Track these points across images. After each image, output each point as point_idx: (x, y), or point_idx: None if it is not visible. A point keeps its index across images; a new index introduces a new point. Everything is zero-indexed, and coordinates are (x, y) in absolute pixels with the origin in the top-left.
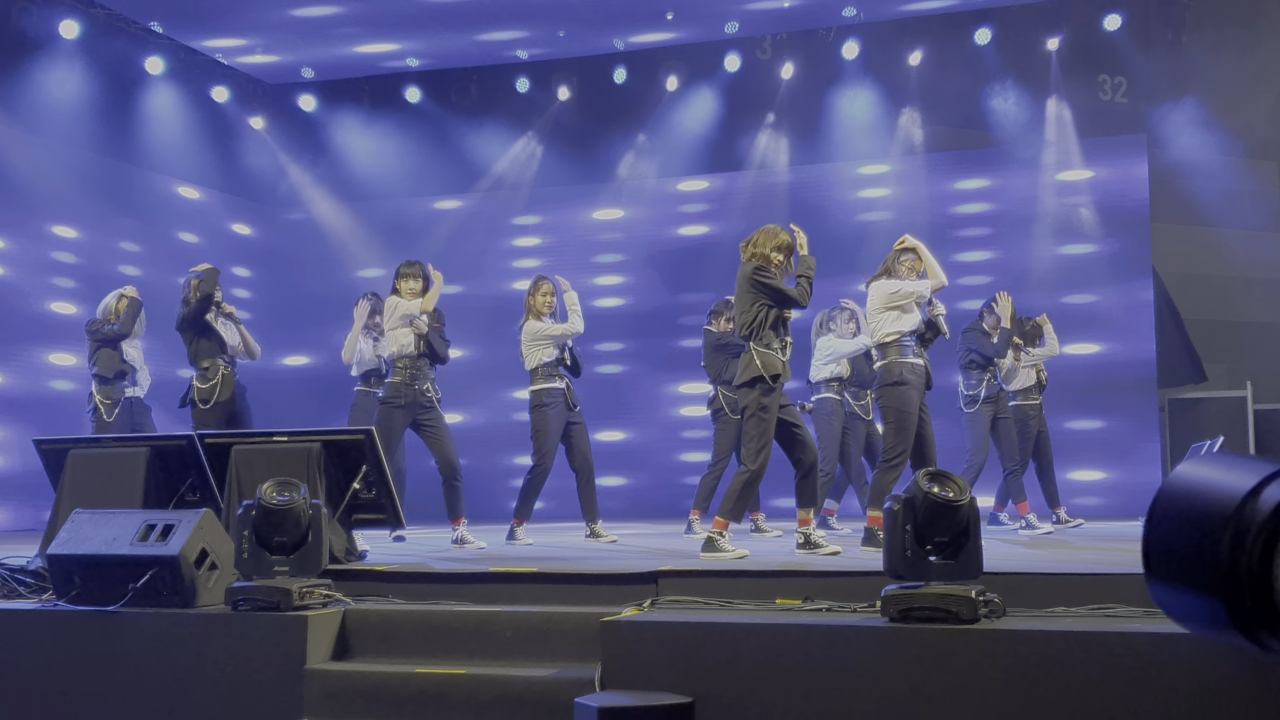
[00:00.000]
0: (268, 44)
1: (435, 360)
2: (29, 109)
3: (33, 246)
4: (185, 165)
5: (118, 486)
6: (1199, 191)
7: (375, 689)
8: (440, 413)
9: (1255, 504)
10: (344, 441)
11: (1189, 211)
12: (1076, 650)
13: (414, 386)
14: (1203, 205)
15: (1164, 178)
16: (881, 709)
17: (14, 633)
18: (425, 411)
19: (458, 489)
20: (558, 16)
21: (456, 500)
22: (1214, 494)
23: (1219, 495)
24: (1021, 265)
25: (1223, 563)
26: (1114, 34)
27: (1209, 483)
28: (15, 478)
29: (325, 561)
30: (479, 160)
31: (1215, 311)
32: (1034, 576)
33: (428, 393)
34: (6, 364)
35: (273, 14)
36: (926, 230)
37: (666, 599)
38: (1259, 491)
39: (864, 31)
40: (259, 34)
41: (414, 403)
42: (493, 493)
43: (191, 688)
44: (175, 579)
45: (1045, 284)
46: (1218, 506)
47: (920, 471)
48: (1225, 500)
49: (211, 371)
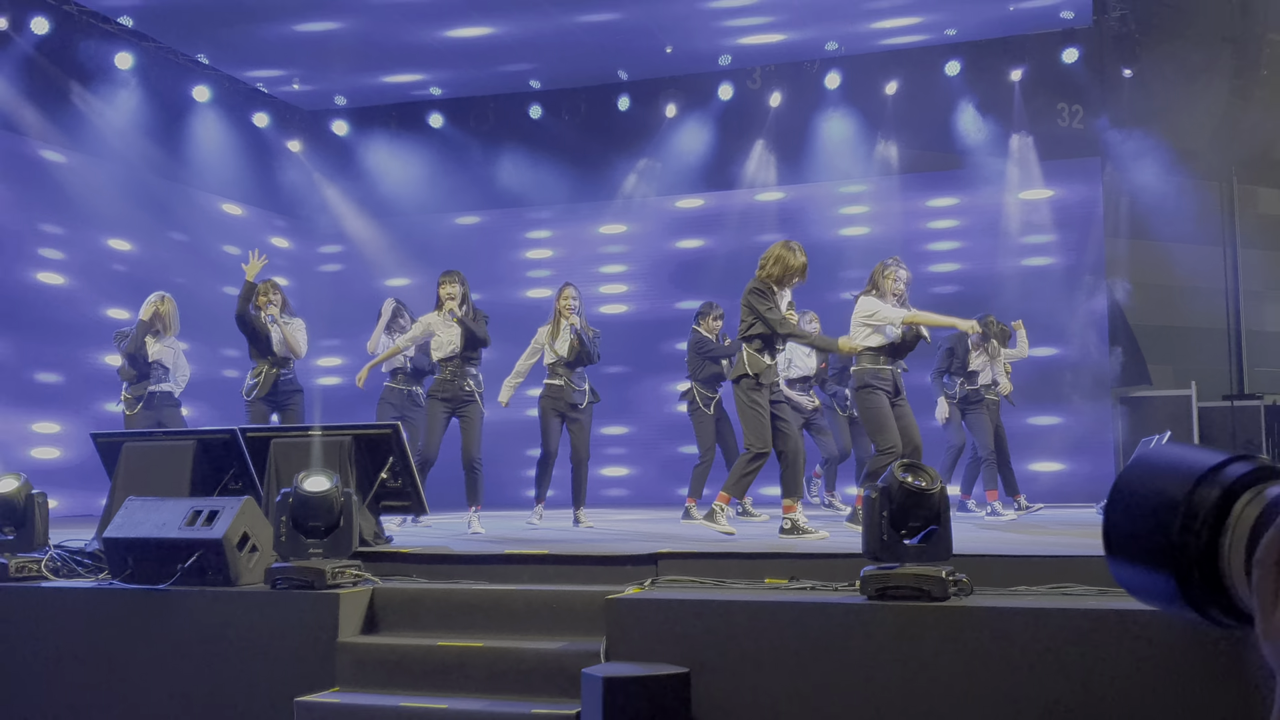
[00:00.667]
0: (304, 74)
1: (476, 345)
2: (88, 133)
3: (91, 258)
4: (228, 184)
5: (167, 476)
6: (1148, 209)
7: (401, 660)
8: (478, 406)
9: (1204, 490)
10: (373, 435)
11: (1139, 227)
12: (1036, 625)
13: (454, 383)
14: (1151, 222)
15: (1116, 196)
16: (860, 678)
17: (73, 609)
18: (465, 405)
19: (472, 479)
20: (566, 50)
21: (471, 489)
22: (1167, 481)
23: (1172, 482)
24: (987, 276)
25: (1174, 544)
26: (1071, 66)
27: (1163, 470)
28: (71, 468)
29: (355, 544)
30: (495, 180)
31: (1163, 318)
32: (998, 558)
33: (467, 387)
34: (66, 365)
35: (308, 47)
36: (900, 243)
37: (665, 579)
38: (1208, 479)
39: (845, 64)
40: (296, 65)
41: (455, 397)
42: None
43: (234, 659)
44: (219, 560)
45: (1009, 293)
46: (1170, 492)
47: (896, 463)
48: (1177, 486)
49: (256, 370)
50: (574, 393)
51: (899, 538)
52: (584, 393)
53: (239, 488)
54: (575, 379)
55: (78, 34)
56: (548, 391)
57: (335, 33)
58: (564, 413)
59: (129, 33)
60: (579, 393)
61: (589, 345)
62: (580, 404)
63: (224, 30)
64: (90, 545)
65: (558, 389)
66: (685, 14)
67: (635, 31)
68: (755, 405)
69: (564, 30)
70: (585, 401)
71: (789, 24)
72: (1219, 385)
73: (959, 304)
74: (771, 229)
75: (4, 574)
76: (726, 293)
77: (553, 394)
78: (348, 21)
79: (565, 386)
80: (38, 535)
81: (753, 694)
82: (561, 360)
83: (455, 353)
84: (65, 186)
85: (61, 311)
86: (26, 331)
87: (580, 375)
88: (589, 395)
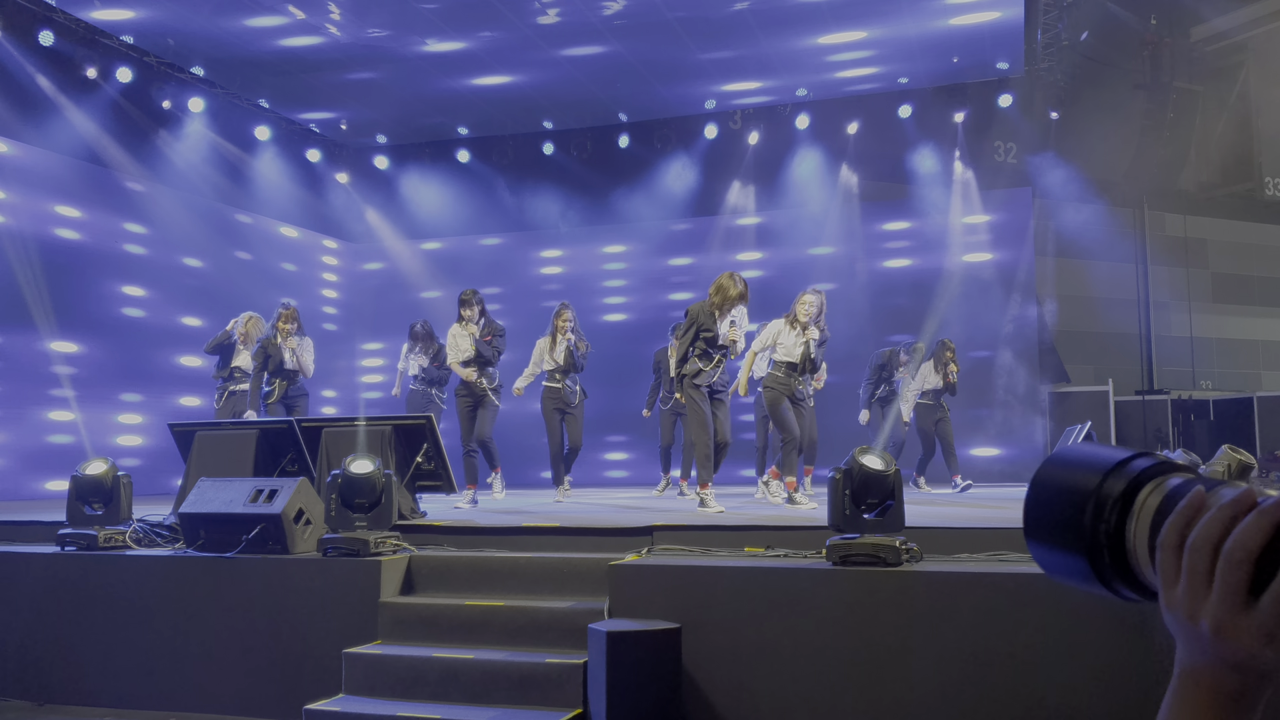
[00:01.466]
0: (351, 116)
1: (484, 364)
2: (165, 167)
3: (168, 275)
4: (286, 210)
5: (233, 460)
6: (1071, 232)
7: (434, 617)
8: (491, 400)
9: (1113, 481)
10: (410, 425)
11: (1064, 247)
12: (978, 587)
13: (470, 384)
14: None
15: (1045, 221)
16: (826, 631)
17: (154, 573)
18: (480, 400)
19: (489, 451)
20: (574, 96)
21: (489, 457)
22: (1080, 474)
23: (1084, 475)
24: (933, 288)
25: (1086, 529)
26: (1006, 109)
27: (1076, 465)
28: (147, 453)
29: (395, 518)
30: (515, 208)
31: (1084, 325)
32: (945, 530)
33: (481, 385)
34: (146, 366)
35: (354, 92)
36: (863, 259)
37: (660, 547)
38: (1115, 471)
39: (813, 107)
40: (344, 109)
41: (472, 394)
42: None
43: (291, 616)
44: (278, 532)
45: (952, 303)
46: (1083, 484)
47: (857, 448)
48: (1089, 479)
49: (271, 382)
50: (569, 393)
51: (859, 512)
52: (575, 392)
53: (295, 470)
54: (569, 382)
55: (156, 81)
56: (548, 394)
57: (377, 81)
58: (561, 409)
59: (200, 81)
60: (572, 393)
61: (578, 358)
62: (573, 402)
63: (282, 79)
64: (168, 519)
65: (555, 391)
66: (676, 65)
67: (633, 80)
68: (696, 403)
69: (572, 79)
70: (577, 400)
71: (765, 73)
72: (1132, 382)
73: (910, 313)
74: (750, 248)
75: (94, 544)
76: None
77: (552, 395)
78: (388, 72)
79: (561, 389)
80: (123, 510)
81: (734, 645)
82: (559, 367)
83: (472, 359)
84: (146, 213)
85: (142, 320)
86: (114, 337)
87: (573, 379)
88: (580, 394)
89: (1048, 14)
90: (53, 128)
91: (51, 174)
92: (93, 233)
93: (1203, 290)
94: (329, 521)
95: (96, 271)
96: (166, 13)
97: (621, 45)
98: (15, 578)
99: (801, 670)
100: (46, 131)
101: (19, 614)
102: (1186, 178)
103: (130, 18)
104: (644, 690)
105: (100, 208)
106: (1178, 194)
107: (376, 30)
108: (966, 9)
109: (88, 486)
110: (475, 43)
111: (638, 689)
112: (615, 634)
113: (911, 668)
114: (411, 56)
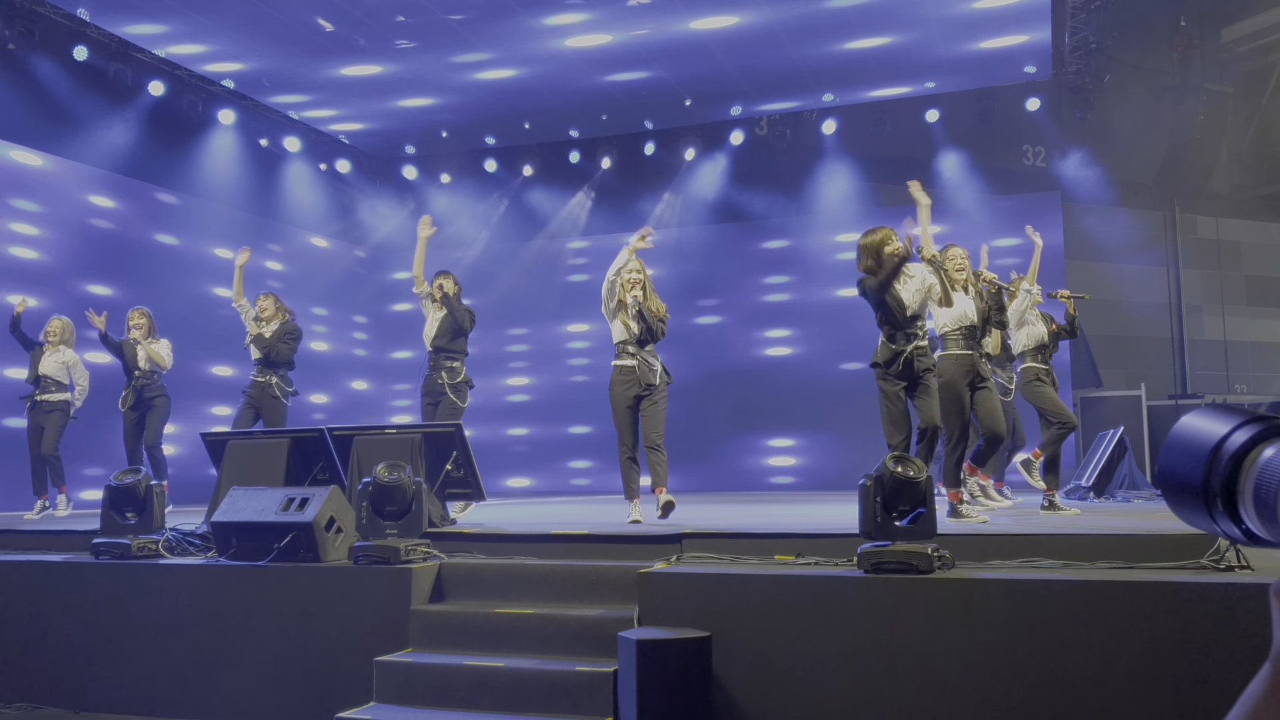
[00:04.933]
0: (380, 127)
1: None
2: (198, 179)
3: (199, 285)
4: (316, 219)
5: (265, 468)
6: (1101, 235)
7: (464, 625)
8: (449, 399)
9: (1231, 440)
10: (439, 433)
11: (1094, 251)
12: (1010, 594)
13: (430, 376)
14: (1104, 246)
15: (1073, 224)
16: (858, 640)
17: (187, 582)
18: (440, 398)
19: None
20: (600, 104)
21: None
22: (1203, 432)
23: (1206, 433)
24: None
25: (1204, 479)
26: (1034, 113)
27: (1200, 424)
28: (179, 462)
29: (425, 526)
30: (541, 214)
31: (1115, 329)
32: (977, 537)
33: (440, 380)
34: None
35: (383, 105)
36: None
37: (689, 555)
38: (1234, 433)
39: (839, 113)
40: (374, 120)
41: (432, 390)
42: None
43: (322, 624)
44: (310, 540)
45: None
46: (1204, 440)
47: (888, 456)
48: (1209, 436)
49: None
50: (646, 370)
51: (891, 519)
52: (656, 370)
53: (326, 478)
54: (646, 355)
55: (187, 94)
56: (616, 373)
57: (405, 93)
58: (634, 393)
59: (230, 93)
60: (651, 370)
61: (652, 322)
62: (653, 380)
63: (312, 91)
64: (200, 528)
65: (629, 369)
66: (702, 72)
67: (658, 87)
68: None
69: (598, 87)
70: (658, 381)
71: (791, 78)
72: (1165, 387)
73: None
74: (777, 253)
75: (127, 552)
76: (730, 300)
77: (622, 374)
78: (416, 85)
79: (636, 366)
80: (156, 519)
81: (765, 654)
82: (630, 337)
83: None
84: (179, 224)
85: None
86: None
87: (651, 351)
88: (662, 374)
89: (1075, 17)
90: (86, 141)
91: (87, 186)
92: (126, 243)
93: (1236, 293)
94: (360, 529)
95: (129, 281)
96: (197, 26)
97: (649, 54)
98: (50, 586)
99: (833, 679)
100: (80, 145)
101: (54, 622)
102: (1218, 180)
103: (162, 31)
104: (675, 699)
105: (131, 217)
106: (1209, 196)
107: (405, 42)
108: (994, 24)
109: (122, 496)
110: (499, 52)
111: (668, 697)
112: (645, 642)
113: (944, 676)
114: (441, 64)
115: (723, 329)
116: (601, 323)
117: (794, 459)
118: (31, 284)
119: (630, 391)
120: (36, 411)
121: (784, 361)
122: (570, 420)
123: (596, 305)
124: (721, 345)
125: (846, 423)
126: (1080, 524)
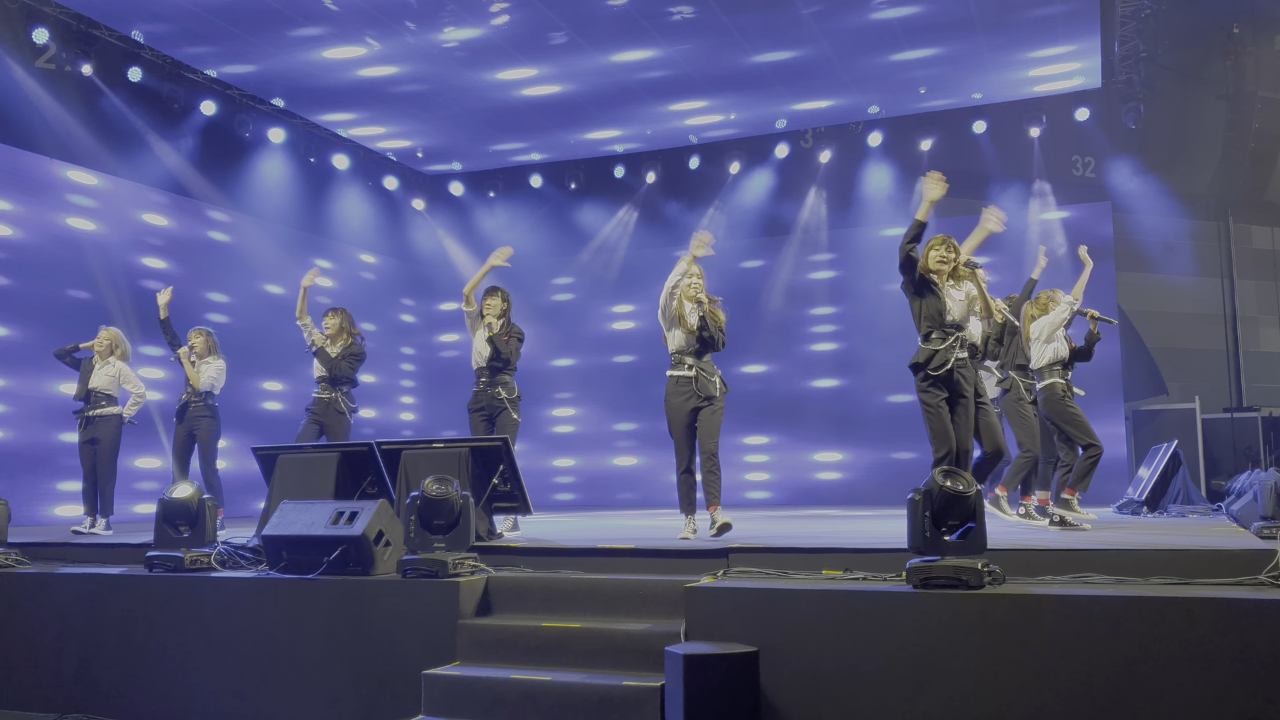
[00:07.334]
0: (427, 145)
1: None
2: (249, 196)
3: (252, 301)
4: (365, 236)
5: (315, 483)
6: (1153, 246)
7: (511, 638)
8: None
9: None
10: (486, 447)
11: (1146, 262)
12: (1062, 610)
13: (486, 392)
14: (1157, 257)
15: (1125, 235)
16: (907, 657)
17: (238, 594)
18: (499, 413)
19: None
20: (645, 118)
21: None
22: None
23: None
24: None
25: None
26: (1084, 124)
27: None
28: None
29: (472, 539)
30: (586, 229)
31: (1169, 341)
32: (1027, 552)
33: (499, 396)
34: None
35: (430, 122)
36: None
37: (736, 570)
38: None
39: (886, 125)
40: (421, 138)
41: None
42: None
43: (371, 637)
44: (359, 553)
45: None
46: None
47: (936, 470)
48: None
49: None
50: (704, 381)
51: (940, 534)
52: (714, 382)
53: (375, 492)
54: (704, 365)
55: (239, 113)
56: (673, 384)
57: (452, 111)
58: (692, 405)
59: (281, 112)
60: (709, 381)
61: (713, 330)
62: (712, 390)
63: (360, 110)
64: (251, 541)
65: (685, 380)
66: (746, 86)
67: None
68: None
69: (640, 102)
70: (717, 391)
71: (836, 91)
72: (1220, 399)
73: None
74: (822, 267)
75: (180, 566)
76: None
77: (678, 385)
78: (461, 103)
79: (694, 376)
80: (208, 533)
81: (813, 670)
82: (687, 347)
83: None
84: (230, 242)
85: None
86: None
87: (709, 360)
88: (719, 384)
89: (1125, 25)
90: (141, 160)
91: (140, 205)
92: (180, 263)
93: None
94: (408, 543)
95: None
96: (248, 46)
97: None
98: (105, 599)
99: (882, 695)
100: (135, 164)
101: (108, 634)
102: (1273, 189)
103: (214, 52)
104: (722, 714)
105: (182, 238)
106: (1264, 205)
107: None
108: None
109: (175, 510)
110: (546, 68)
111: (716, 713)
112: (692, 657)
113: (994, 693)
114: (486, 84)
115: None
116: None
117: (839, 473)
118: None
119: (688, 404)
120: (90, 427)
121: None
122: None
123: (640, 317)
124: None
125: (890, 438)
126: (1134, 539)
